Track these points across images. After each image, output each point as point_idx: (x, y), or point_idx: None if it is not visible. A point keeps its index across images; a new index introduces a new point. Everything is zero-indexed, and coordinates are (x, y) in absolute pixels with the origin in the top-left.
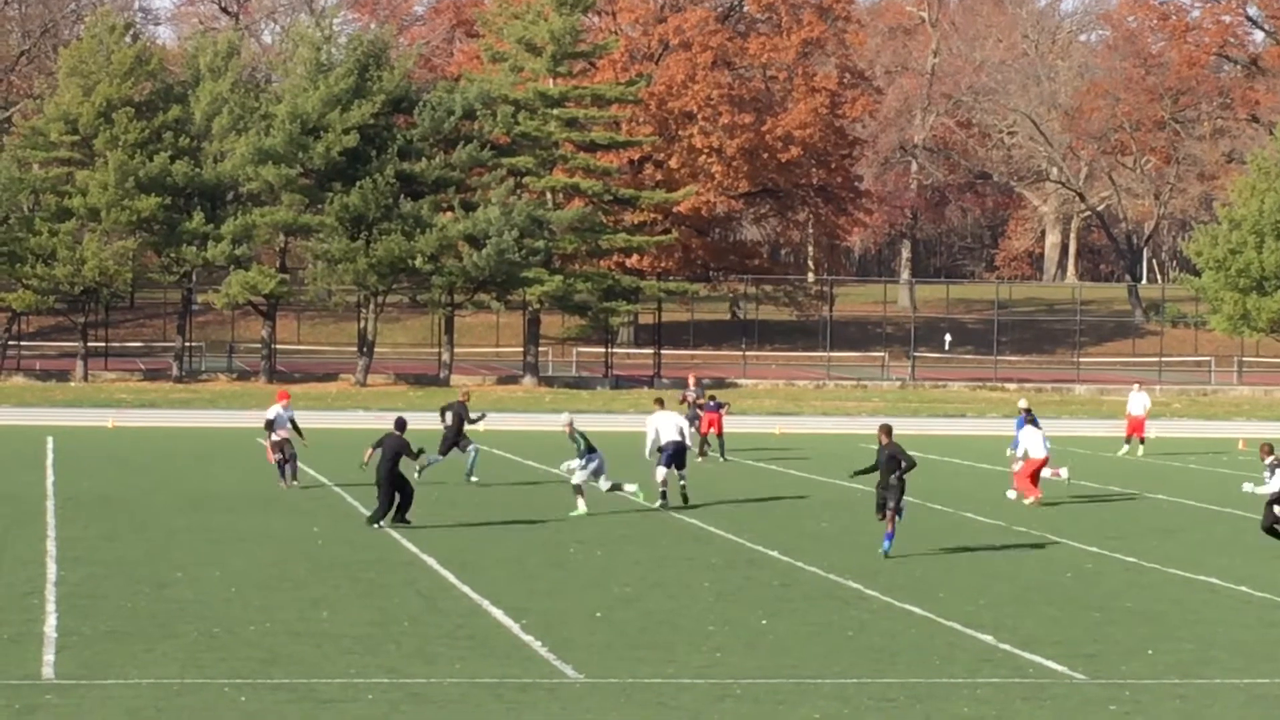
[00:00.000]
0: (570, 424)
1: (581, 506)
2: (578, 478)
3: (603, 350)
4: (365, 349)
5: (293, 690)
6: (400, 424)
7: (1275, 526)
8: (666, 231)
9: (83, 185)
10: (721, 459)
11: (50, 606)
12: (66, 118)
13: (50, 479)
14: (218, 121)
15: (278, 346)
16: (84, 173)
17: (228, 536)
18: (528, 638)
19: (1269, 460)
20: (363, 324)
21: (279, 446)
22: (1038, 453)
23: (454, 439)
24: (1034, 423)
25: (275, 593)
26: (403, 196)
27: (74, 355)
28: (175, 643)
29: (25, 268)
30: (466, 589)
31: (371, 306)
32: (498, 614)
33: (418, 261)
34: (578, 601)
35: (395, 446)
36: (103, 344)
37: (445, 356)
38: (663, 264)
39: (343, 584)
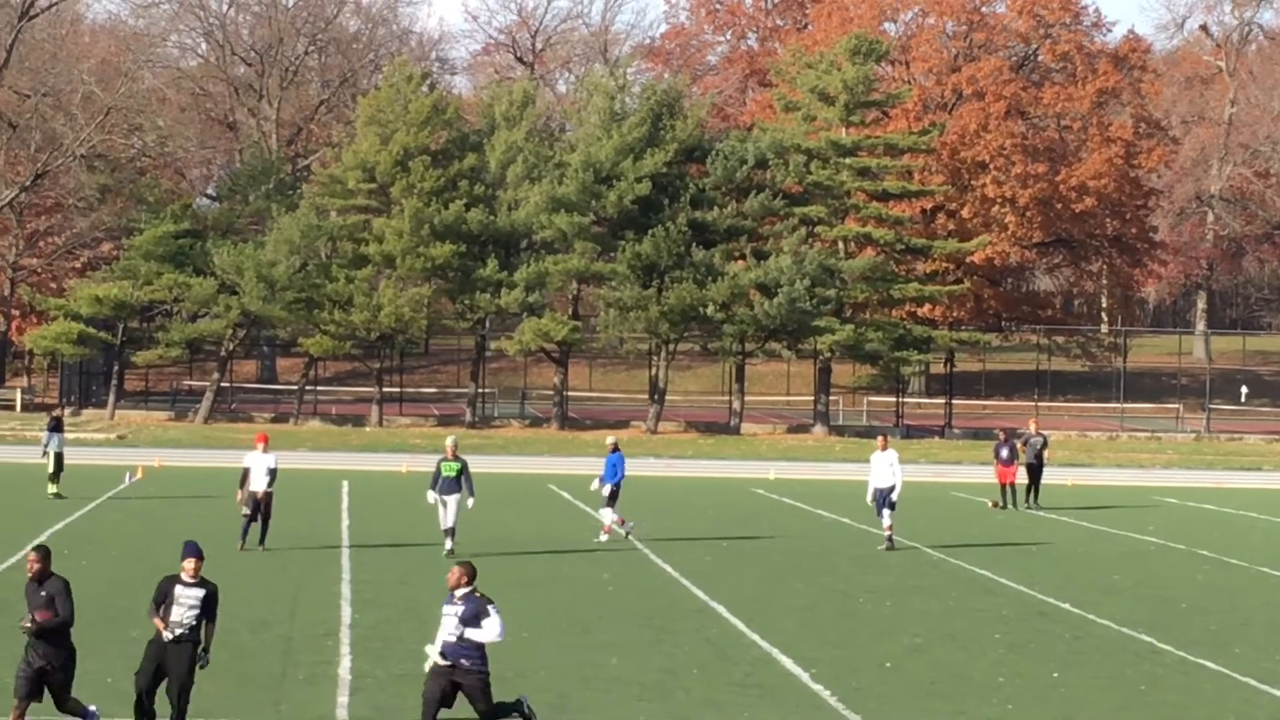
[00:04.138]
0: None
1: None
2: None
3: (894, 399)
4: (656, 396)
5: None
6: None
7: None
8: (959, 281)
9: (379, 232)
10: (1017, 509)
11: (344, 649)
12: (364, 166)
13: (345, 523)
14: (512, 170)
15: (570, 393)
16: (380, 220)
17: (519, 581)
18: (817, 687)
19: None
20: (654, 371)
21: (253, 501)
22: None
23: None
24: None
25: (565, 637)
26: (694, 245)
27: (369, 400)
28: None
29: (323, 314)
30: (756, 637)
31: (663, 354)
32: (787, 663)
33: (709, 310)
34: (867, 651)
35: None
36: (397, 389)
37: (736, 405)
38: (955, 314)
39: (632, 630)
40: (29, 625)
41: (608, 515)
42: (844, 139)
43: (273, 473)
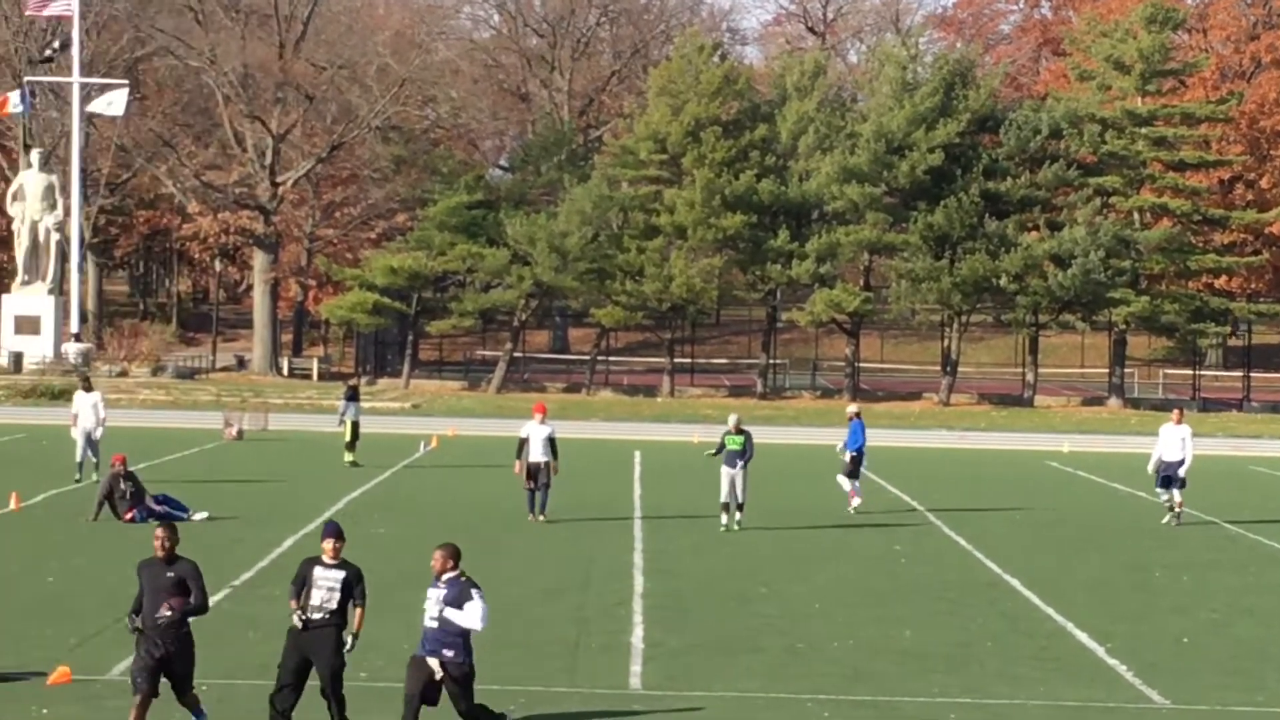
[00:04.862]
0: None
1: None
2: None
3: (1190, 372)
4: (949, 368)
5: (875, 708)
6: None
7: None
8: (1257, 252)
9: (670, 203)
10: None
11: (637, 618)
12: (655, 136)
13: (637, 492)
14: (803, 140)
15: (861, 364)
16: (672, 191)
17: (811, 553)
18: (1113, 661)
19: None
20: (946, 343)
21: (531, 471)
22: None
23: None
24: None
25: (858, 610)
26: (987, 215)
27: (661, 371)
28: (758, 657)
29: (614, 284)
30: (1050, 611)
31: (955, 325)
32: (1082, 637)
33: (1002, 281)
34: (1163, 626)
35: None
36: (688, 360)
37: (1029, 377)
38: (1253, 285)
39: (925, 603)
40: (168, 614)
41: (845, 483)
42: (1140, 108)
43: (550, 442)
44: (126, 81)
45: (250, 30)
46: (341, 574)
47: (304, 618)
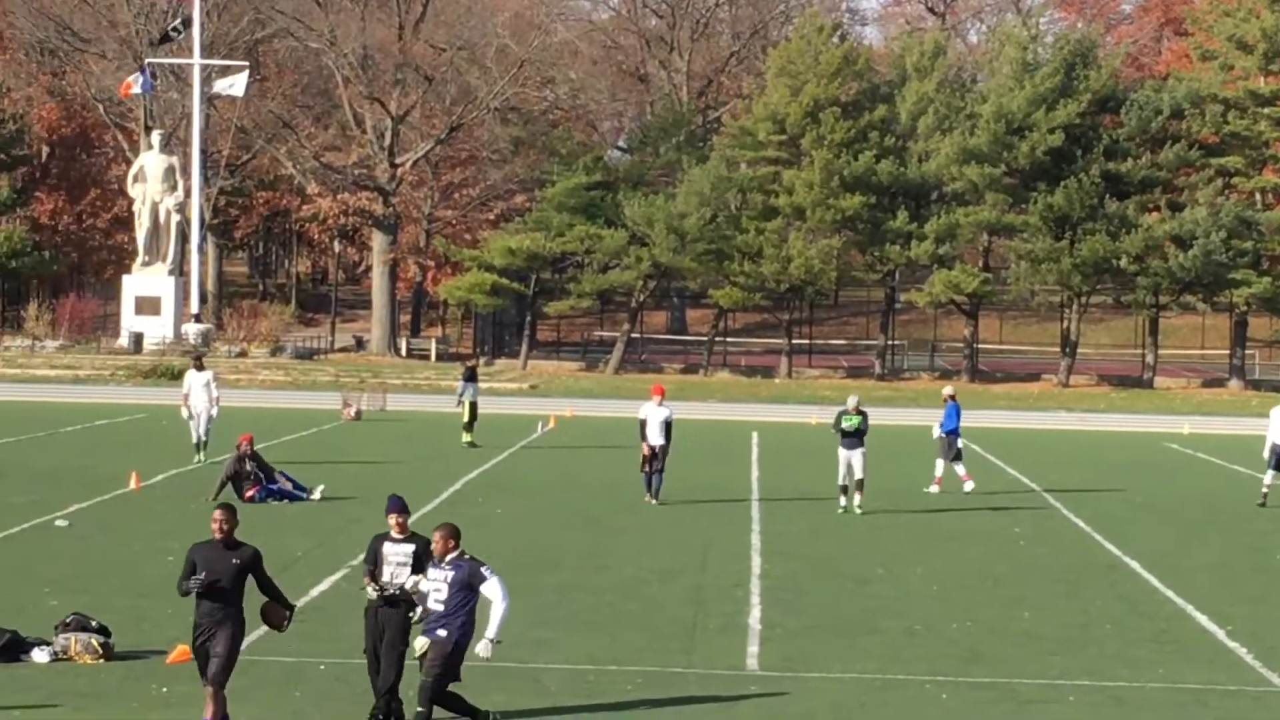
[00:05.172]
0: None
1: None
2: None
3: None
4: (1068, 349)
5: (994, 689)
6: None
7: None
8: None
9: (789, 184)
10: None
11: (754, 599)
12: (774, 118)
13: (755, 474)
14: (923, 121)
15: (980, 346)
16: (790, 172)
17: (929, 534)
18: (1233, 644)
19: None
20: (1066, 324)
21: (651, 453)
22: None
23: None
24: None
25: (976, 591)
26: (1108, 196)
27: (778, 352)
28: (876, 638)
29: (732, 265)
30: (1170, 593)
31: (1075, 307)
32: (1202, 619)
33: (1122, 262)
34: None
35: None
36: (806, 341)
37: (1149, 358)
38: None
39: (1044, 584)
40: (284, 627)
41: (940, 467)
42: (1262, 88)
43: (667, 424)
44: (247, 63)
45: (370, 12)
46: (410, 547)
47: (377, 590)
